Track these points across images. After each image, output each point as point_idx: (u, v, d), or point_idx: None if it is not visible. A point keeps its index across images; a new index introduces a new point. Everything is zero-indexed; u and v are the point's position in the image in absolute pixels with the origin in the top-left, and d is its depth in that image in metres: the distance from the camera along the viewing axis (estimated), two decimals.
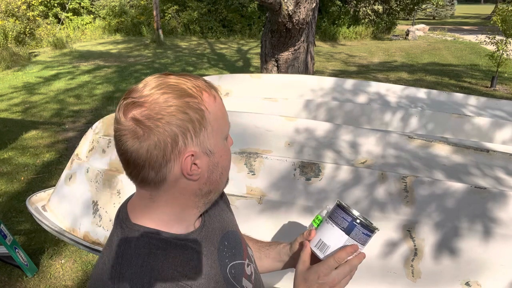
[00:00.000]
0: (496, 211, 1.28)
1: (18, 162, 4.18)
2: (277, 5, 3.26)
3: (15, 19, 11.10)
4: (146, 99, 0.61)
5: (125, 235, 0.67)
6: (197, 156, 0.64)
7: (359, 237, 0.77)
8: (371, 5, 14.28)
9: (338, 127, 1.68)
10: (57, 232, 1.76)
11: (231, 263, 0.75)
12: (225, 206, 0.88)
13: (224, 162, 0.70)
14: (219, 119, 0.67)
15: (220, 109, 0.67)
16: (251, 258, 0.85)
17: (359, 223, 0.76)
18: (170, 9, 13.68)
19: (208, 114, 0.64)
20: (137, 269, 0.61)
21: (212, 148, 0.66)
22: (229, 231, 0.81)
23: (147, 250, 0.64)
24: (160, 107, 0.60)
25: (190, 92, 0.62)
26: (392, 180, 1.36)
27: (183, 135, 0.61)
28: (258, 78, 2.51)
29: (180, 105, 0.61)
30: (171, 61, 9.65)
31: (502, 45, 6.91)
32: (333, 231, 0.78)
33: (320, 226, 0.82)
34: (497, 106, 2.25)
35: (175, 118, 0.60)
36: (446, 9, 23.71)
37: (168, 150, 0.61)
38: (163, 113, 0.60)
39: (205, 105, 0.63)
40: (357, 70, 8.89)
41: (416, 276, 1.31)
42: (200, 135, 0.63)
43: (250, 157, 1.46)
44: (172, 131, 0.60)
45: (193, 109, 0.62)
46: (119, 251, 0.65)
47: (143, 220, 0.68)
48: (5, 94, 6.76)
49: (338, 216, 0.78)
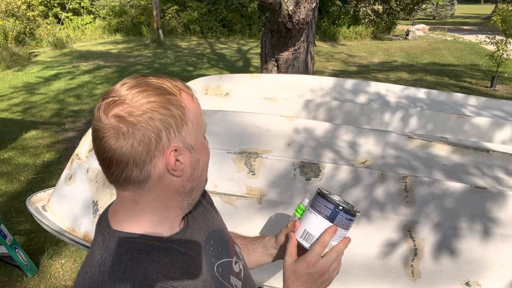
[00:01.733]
0: (496, 211, 1.28)
1: (18, 162, 4.18)
2: (277, 5, 3.26)
3: (15, 19, 11.10)
4: (126, 96, 0.61)
5: (107, 243, 0.66)
6: (180, 152, 0.65)
7: (343, 223, 0.78)
8: (371, 5, 14.28)
9: (338, 127, 1.68)
10: (57, 232, 1.76)
11: (218, 262, 0.75)
12: (208, 205, 0.88)
13: (204, 158, 0.72)
14: (198, 117, 0.69)
15: (198, 108, 0.69)
16: (239, 255, 0.85)
17: (341, 209, 0.77)
18: (170, 9, 13.67)
19: (188, 111, 0.66)
20: (120, 276, 0.60)
21: (193, 144, 0.67)
22: (214, 230, 0.81)
23: (130, 255, 0.63)
24: (141, 103, 0.61)
25: (170, 90, 0.64)
26: (392, 180, 1.36)
27: (167, 130, 0.62)
28: (258, 78, 2.51)
29: (162, 101, 0.62)
30: (171, 61, 9.65)
31: (502, 45, 6.91)
32: (317, 220, 0.79)
33: (304, 216, 0.83)
34: (497, 106, 2.25)
35: (158, 114, 0.61)
36: (446, 9, 23.71)
37: (153, 146, 0.62)
38: (145, 109, 0.61)
39: (184, 102, 0.65)
40: (357, 70, 8.89)
41: (416, 276, 1.31)
42: (182, 130, 0.65)
43: (250, 157, 1.46)
44: (156, 126, 0.61)
45: (174, 106, 0.64)
46: (101, 259, 0.64)
47: (125, 225, 0.67)
48: (5, 94, 6.76)
49: (321, 205, 0.79)
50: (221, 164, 1.45)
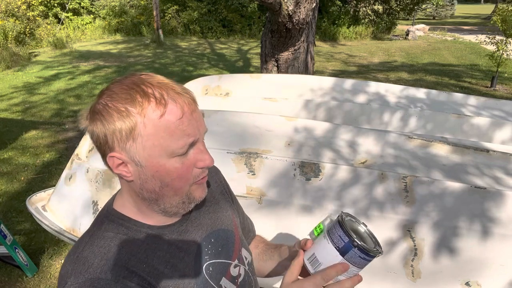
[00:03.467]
0: (495, 211, 1.28)
1: (18, 162, 4.18)
2: (277, 5, 3.26)
3: (15, 19, 11.10)
4: (106, 91, 0.65)
5: (102, 217, 0.73)
6: (125, 161, 0.65)
7: (355, 260, 0.69)
8: (371, 5, 14.27)
9: (337, 127, 1.68)
10: (57, 232, 1.76)
11: (210, 261, 0.76)
12: (227, 205, 0.89)
13: (164, 179, 0.66)
14: (160, 137, 0.62)
15: (168, 127, 0.62)
16: (243, 261, 0.84)
17: (356, 246, 0.68)
18: (170, 9, 13.67)
19: (143, 127, 0.62)
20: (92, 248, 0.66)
21: (141, 161, 0.64)
22: (220, 229, 0.81)
23: (113, 234, 0.68)
24: (105, 103, 0.64)
25: (139, 98, 0.62)
26: (392, 180, 1.36)
27: (111, 137, 0.64)
28: (258, 78, 2.51)
29: (119, 110, 0.62)
30: (171, 61, 9.65)
31: (502, 45, 6.91)
32: (327, 249, 0.71)
33: (318, 239, 0.76)
34: (497, 106, 2.25)
35: (109, 121, 0.63)
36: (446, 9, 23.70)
37: (102, 143, 0.65)
38: (101, 109, 0.64)
39: (143, 118, 0.62)
40: (357, 70, 8.89)
41: (416, 276, 1.31)
42: (127, 144, 0.63)
43: (250, 157, 1.46)
44: (103, 130, 0.64)
45: (125, 118, 0.62)
46: (90, 227, 0.72)
47: (120, 206, 0.73)
48: (5, 94, 6.76)
49: (336, 234, 0.71)
50: (221, 164, 1.45)
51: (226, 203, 0.89)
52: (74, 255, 0.65)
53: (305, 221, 1.39)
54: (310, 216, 1.39)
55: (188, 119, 0.64)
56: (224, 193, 0.92)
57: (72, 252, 0.67)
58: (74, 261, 0.64)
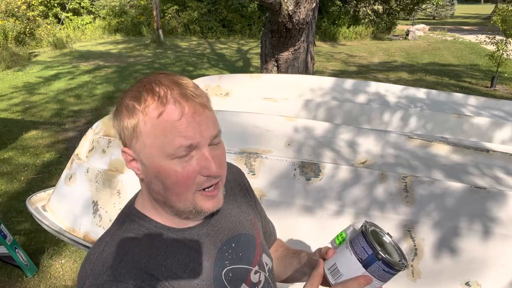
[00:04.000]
0: (495, 211, 1.28)
1: (18, 162, 4.18)
2: (277, 5, 3.25)
3: (15, 19, 11.09)
4: (129, 88, 0.67)
5: (123, 216, 0.73)
6: (135, 158, 0.66)
7: (379, 274, 0.66)
8: (371, 5, 14.27)
9: (337, 127, 1.68)
10: (57, 232, 1.76)
11: (230, 266, 0.74)
12: (249, 209, 0.87)
13: (165, 181, 0.64)
14: (158, 137, 0.62)
15: (164, 127, 0.61)
16: (264, 267, 0.81)
17: (380, 258, 0.65)
18: (170, 9, 13.67)
19: (144, 125, 0.63)
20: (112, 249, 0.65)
21: (144, 159, 0.65)
22: (241, 234, 0.79)
23: (133, 235, 0.68)
24: (121, 100, 0.66)
25: (145, 97, 0.63)
26: (392, 180, 1.36)
27: (122, 133, 0.66)
28: (258, 78, 2.51)
29: (128, 107, 0.64)
30: (171, 61, 9.65)
31: (502, 45, 6.91)
32: (350, 260, 0.68)
33: (340, 248, 0.72)
34: (497, 106, 2.25)
35: (120, 117, 0.65)
36: (446, 9, 23.69)
37: (119, 138, 0.68)
38: (119, 108, 0.65)
39: (145, 116, 0.62)
40: (357, 70, 8.89)
41: (416, 276, 1.31)
42: (132, 141, 0.65)
43: (250, 157, 1.46)
44: (117, 126, 0.66)
45: (131, 115, 0.63)
46: (111, 226, 0.72)
47: (141, 206, 0.72)
48: (5, 94, 6.76)
49: (359, 245, 0.67)
50: None
51: (249, 206, 0.87)
52: (94, 255, 0.65)
53: (305, 221, 1.39)
54: (310, 216, 1.39)
55: (187, 121, 0.62)
56: (246, 196, 0.89)
57: (92, 252, 0.66)
58: (94, 262, 0.64)
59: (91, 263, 0.64)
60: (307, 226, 1.39)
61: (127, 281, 0.61)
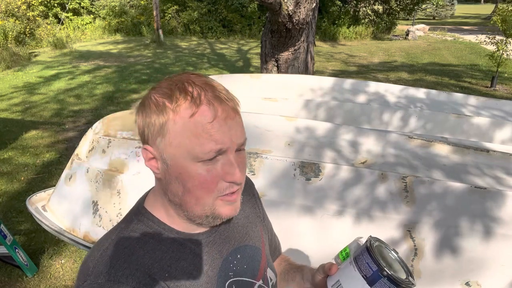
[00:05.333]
0: (496, 211, 1.28)
1: (18, 162, 4.18)
2: (277, 5, 3.25)
3: (15, 19, 11.10)
4: (162, 84, 0.65)
5: (132, 214, 0.71)
6: (156, 156, 0.65)
7: None
8: (371, 5, 14.28)
9: (338, 127, 1.68)
10: (57, 232, 1.76)
11: (234, 278, 0.72)
12: (257, 221, 0.85)
13: (186, 183, 0.63)
14: (186, 137, 0.60)
15: (195, 128, 0.60)
16: (268, 282, 0.80)
17: (385, 275, 0.63)
18: (170, 9, 13.67)
19: (173, 124, 0.61)
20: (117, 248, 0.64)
21: (167, 159, 0.63)
22: (247, 246, 0.78)
23: (140, 235, 0.67)
24: (147, 97, 0.65)
25: (177, 95, 0.61)
26: (392, 180, 1.36)
27: (147, 129, 0.64)
28: (258, 78, 2.51)
29: (157, 103, 0.62)
30: (171, 61, 9.65)
31: (502, 45, 6.91)
32: (354, 277, 0.66)
33: (344, 264, 0.70)
34: (497, 106, 2.25)
35: (147, 113, 0.63)
36: (446, 9, 23.70)
37: (141, 134, 0.66)
38: (147, 104, 0.64)
39: (175, 114, 0.60)
40: (357, 70, 8.89)
41: (416, 276, 1.31)
42: (157, 139, 0.63)
43: (250, 157, 1.46)
44: (142, 122, 0.65)
45: (160, 113, 0.62)
46: (119, 223, 0.71)
47: (151, 206, 0.71)
48: (5, 94, 6.76)
49: (363, 261, 0.65)
50: None
51: (257, 218, 0.86)
52: (98, 253, 0.64)
53: (305, 221, 1.39)
54: (310, 216, 1.39)
55: (219, 125, 0.60)
56: (255, 207, 0.88)
57: (96, 248, 0.65)
58: (97, 260, 0.63)
59: (94, 260, 0.63)
60: (307, 226, 1.39)
61: (128, 283, 0.60)
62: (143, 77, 8.01)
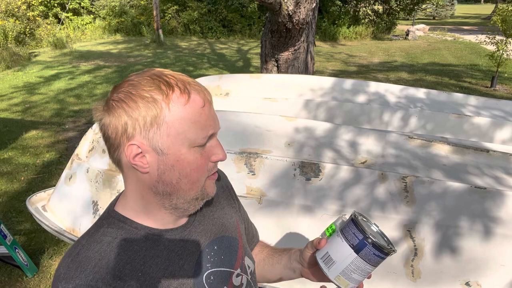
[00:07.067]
0: (496, 211, 1.28)
1: (18, 162, 4.18)
2: (277, 5, 3.26)
3: (15, 19, 11.10)
4: (127, 81, 0.64)
5: (102, 219, 0.71)
6: (145, 150, 0.63)
7: (370, 258, 0.70)
8: (371, 5, 14.28)
9: (338, 127, 1.68)
10: (57, 232, 1.76)
11: (212, 269, 0.73)
12: (232, 211, 0.87)
13: (184, 169, 0.65)
14: (185, 124, 0.63)
15: (192, 115, 0.63)
16: (246, 270, 0.82)
17: (370, 243, 0.69)
18: (170, 9, 13.67)
19: (168, 113, 0.62)
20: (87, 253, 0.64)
21: (164, 148, 0.63)
22: (224, 237, 0.79)
23: (110, 238, 0.66)
24: (125, 92, 0.63)
25: (163, 87, 0.62)
26: (392, 180, 1.36)
27: (134, 124, 0.62)
28: (258, 78, 2.51)
29: (144, 96, 0.62)
30: (171, 61, 9.65)
31: (502, 45, 6.91)
32: (341, 247, 0.71)
33: (331, 238, 0.76)
34: (497, 106, 2.25)
35: (134, 107, 0.62)
36: (446, 9, 23.69)
37: (119, 133, 0.64)
38: (123, 97, 0.63)
39: (168, 104, 0.62)
40: (357, 70, 8.89)
41: (416, 276, 1.31)
42: (150, 131, 0.62)
43: (250, 157, 1.46)
44: (125, 118, 0.62)
45: (150, 103, 0.61)
46: (89, 228, 0.70)
47: (122, 208, 0.71)
48: (5, 94, 6.76)
49: (350, 231, 0.71)
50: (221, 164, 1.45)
51: (232, 209, 0.87)
52: (69, 258, 0.64)
53: (305, 221, 1.39)
54: (310, 216, 1.39)
55: (208, 110, 0.65)
56: (229, 198, 0.89)
57: (67, 254, 0.66)
58: (68, 265, 0.63)
59: (65, 266, 0.63)
60: (307, 226, 1.39)
61: (99, 287, 0.60)
62: None
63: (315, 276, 0.82)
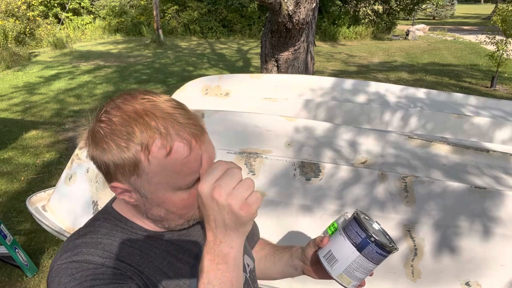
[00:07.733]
0: (495, 211, 1.28)
1: (18, 162, 4.18)
2: (277, 5, 3.26)
3: (15, 19, 11.10)
4: (113, 118, 0.59)
5: (99, 213, 0.71)
6: (129, 190, 0.62)
7: (372, 256, 0.70)
8: (371, 5, 14.28)
9: (337, 127, 1.68)
10: (57, 232, 1.76)
11: None
12: None
13: (170, 208, 0.64)
14: (167, 175, 0.59)
15: (174, 166, 0.58)
16: (245, 268, 0.80)
17: (373, 241, 0.69)
18: (170, 9, 13.67)
19: (148, 165, 0.58)
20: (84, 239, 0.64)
21: (147, 194, 0.62)
22: None
23: (107, 230, 0.67)
24: (107, 137, 0.59)
25: (142, 136, 0.57)
26: (392, 180, 1.36)
27: (114, 168, 0.60)
28: (258, 78, 2.51)
29: (120, 145, 0.58)
30: (171, 61, 9.65)
31: (502, 45, 6.91)
32: (344, 245, 0.72)
33: (333, 236, 0.76)
34: (497, 106, 2.25)
35: (111, 153, 0.59)
36: (446, 9, 23.69)
37: (104, 171, 0.62)
38: (103, 142, 0.59)
39: (147, 156, 0.57)
40: (357, 70, 8.89)
41: (416, 276, 1.31)
42: (131, 178, 0.60)
43: (250, 157, 1.46)
44: (104, 160, 0.60)
45: (127, 153, 0.58)
46: (86, 222, 0.70)
47: (119, 206, 0.71)
48: (5, 94, 6.76)
49: (352, 230, 0.71)
50: None
51: None
52: (65, 243, 0.65)
53: (305, 221, 1.39)
54: (310, 216, 1.39)
55: (196, 154, 0.60)
56: None
57: (63, 244, 0.66)
58: (64, 249, 0.64)
59: (61, 251, 0.64)
60: (307, 226, 1.39)
61: (96, 261, 0.61)
62: (143, 77, 8.01)
63: (317, 273, 0.82)
